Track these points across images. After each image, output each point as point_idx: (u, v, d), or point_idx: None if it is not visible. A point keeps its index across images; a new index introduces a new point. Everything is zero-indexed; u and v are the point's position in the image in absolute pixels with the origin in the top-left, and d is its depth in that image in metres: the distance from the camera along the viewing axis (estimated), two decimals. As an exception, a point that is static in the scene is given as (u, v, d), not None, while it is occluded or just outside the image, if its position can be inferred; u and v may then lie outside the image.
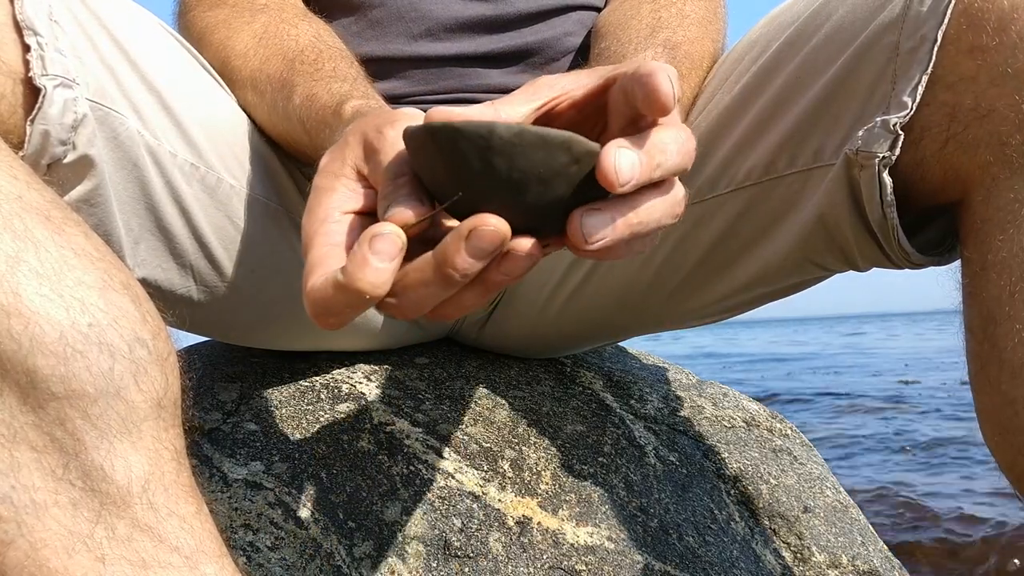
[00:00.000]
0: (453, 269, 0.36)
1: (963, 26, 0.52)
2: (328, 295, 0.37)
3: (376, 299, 0.37)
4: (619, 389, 0.95)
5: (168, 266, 0.65)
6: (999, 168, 0.52)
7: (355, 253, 0.37)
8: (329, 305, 0.37)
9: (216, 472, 0.74)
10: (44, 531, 0.37)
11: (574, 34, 0.82)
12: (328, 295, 0.37)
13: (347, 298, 0.37)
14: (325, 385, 0.84)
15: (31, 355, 0.37)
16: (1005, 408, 0.53)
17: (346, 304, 0.37)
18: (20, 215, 0.39)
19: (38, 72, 0.50)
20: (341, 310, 0.37)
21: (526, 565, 0.73)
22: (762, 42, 0.67)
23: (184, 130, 0.63)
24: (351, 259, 0.36)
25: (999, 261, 0.52)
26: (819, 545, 0.85)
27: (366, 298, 0.36)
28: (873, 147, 0.55)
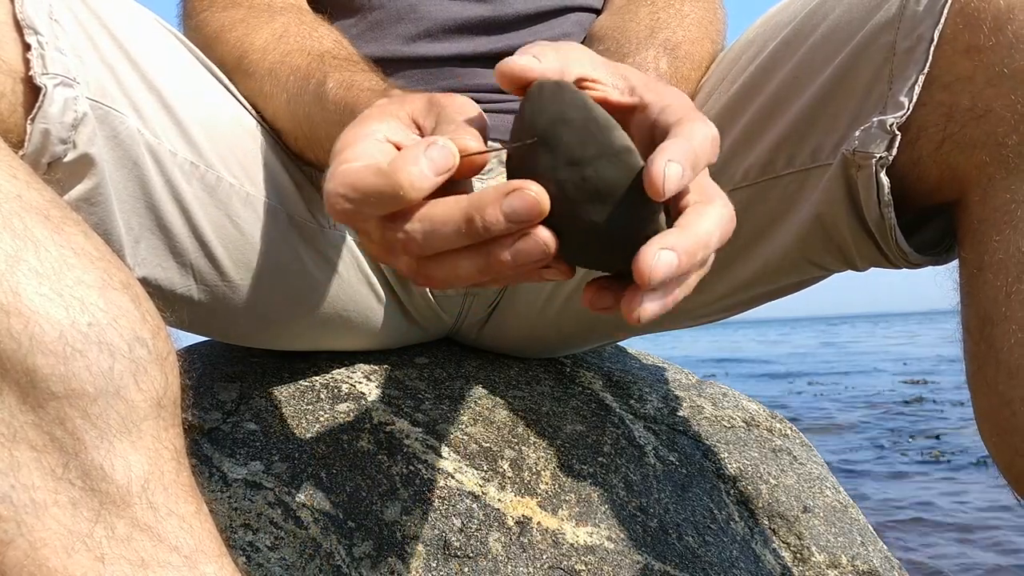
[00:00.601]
0: (481, 217, 0.35)
1: (959, 26, 0.52)
2: (362, 177, 0.37)
3: (405, 202, 0.36)
4: (619, 389, 0.95)
5: (168, 265, 0.65)
6: (995, 168, 0.52)
7: (408, 151, 0.36)
8: (357, 188, 0.37)
9: (216, 472, 0.74)
10: (44, 530, 0.37)
11: (572, 35, 0.82)
12: (362, 177, 0.37)
13: (381, 187, 0.36)
14: (325, 385, 0.84)
15: (31, 354, 0.37)
16: (1002, 409, 0.53)
17: (374, 195, 0.36)
18: (20, 214, 0.39)
19: (38, 71, 0.50)
20: (363, 200, 0.37)
21: (526, 565, 0.73)
22: (759, 42, 0.67)
23: (184, 129, 0.63)
24: (402, 155, 0.36)
25: (996, 262, 0.52)
26: (819, 545, 0.85)
27: (399, 194, 0.36)
28: (870, 147, 0.55)
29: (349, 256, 0.77)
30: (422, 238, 0.37)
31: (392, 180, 0.36)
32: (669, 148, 0.36)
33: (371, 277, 0.80)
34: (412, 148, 0.37)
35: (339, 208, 0.37)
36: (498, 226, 0.35)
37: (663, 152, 0.36)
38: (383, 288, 0.82)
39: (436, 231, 0.37)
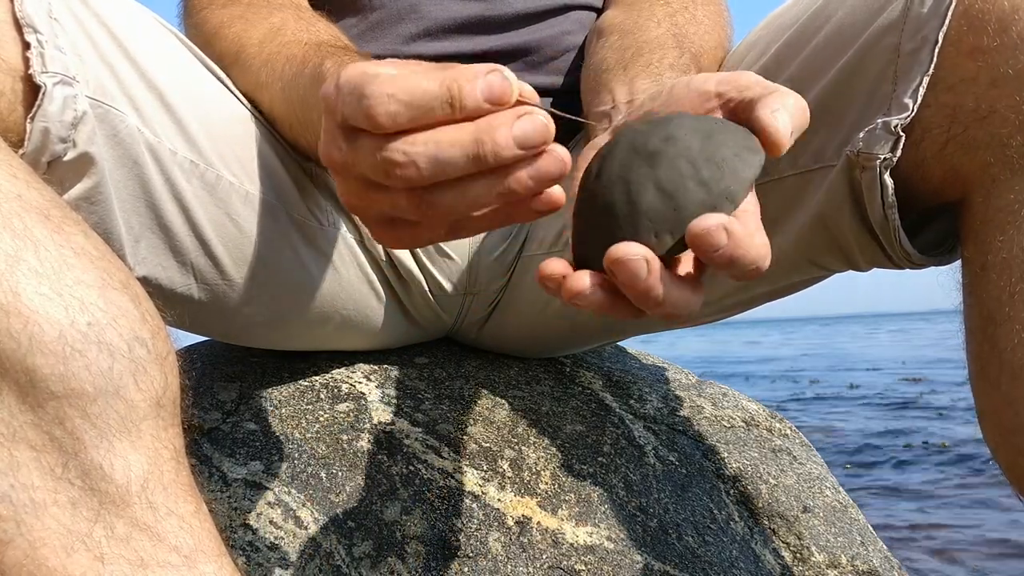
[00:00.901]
0: (492, 140, 0.34)
1: (964, 27, 0.52)
2: (417, 82, 0.35)
3: (441, 111, 0.34)
4: (618, 389, 0.95)
5: (168, 264, 0.65)
6: (999, 169, 0.52)
7: (466, 68, 0.35)
8: (409, 91, 0.35)
9: (216, 471, 0.74)
10: (43, 530, 0.37)
11: (573, 33, 0.82)
12: (417, 82, 0.35)
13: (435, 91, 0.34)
14: (325, 385, 0.84)
15: (30, 354, 0.36)
16: (1005, 409, 0.53)
17: (421, 102, 0.34)
18: (19, 214, 0.39)
19: (38, 69, 0.50)
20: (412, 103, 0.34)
21: (525, 565, 0.73)
22: (761, 44, 0.67)
23: (184, 127, 0.63)
24: (460, 68, 0.35)
25: (999, 262, 0.52)
26: (818, 545, 0.85)
27: (445, 98, 0.34)
28: (874, 148, 0.55)
29: (349, 255, 0.77)
30: (425, 161, 0.35)
31: (449, 81, 0.34)
32: (771, 100, 0.38)
33: (371, 276, 0.80)
34: (470, 67, 0.35)
35: (388, 110, 0.34)
36: (508, 151, 0.34)
37: (766, 104, 0.38)
38: (383, 287, 0.81)
39: (442, 154, 0.35)
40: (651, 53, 0.64)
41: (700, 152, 0.37)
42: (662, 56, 0.63)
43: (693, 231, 0.35)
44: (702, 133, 0.38)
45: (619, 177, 0.38)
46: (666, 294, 0.37)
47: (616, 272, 0.36)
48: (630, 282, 0.36)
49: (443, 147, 0.34)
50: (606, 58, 0.67)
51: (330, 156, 0.38)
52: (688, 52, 0.65)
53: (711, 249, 0.35)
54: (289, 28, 0.67)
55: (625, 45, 0.67)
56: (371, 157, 0.36)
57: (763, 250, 0.37)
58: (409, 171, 0.35)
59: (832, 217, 0.61)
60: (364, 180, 0.38)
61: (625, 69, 0.62)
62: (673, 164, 0.37)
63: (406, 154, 0.35)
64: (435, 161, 0.35)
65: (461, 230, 0.38)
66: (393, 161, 0.35)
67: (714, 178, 0.37)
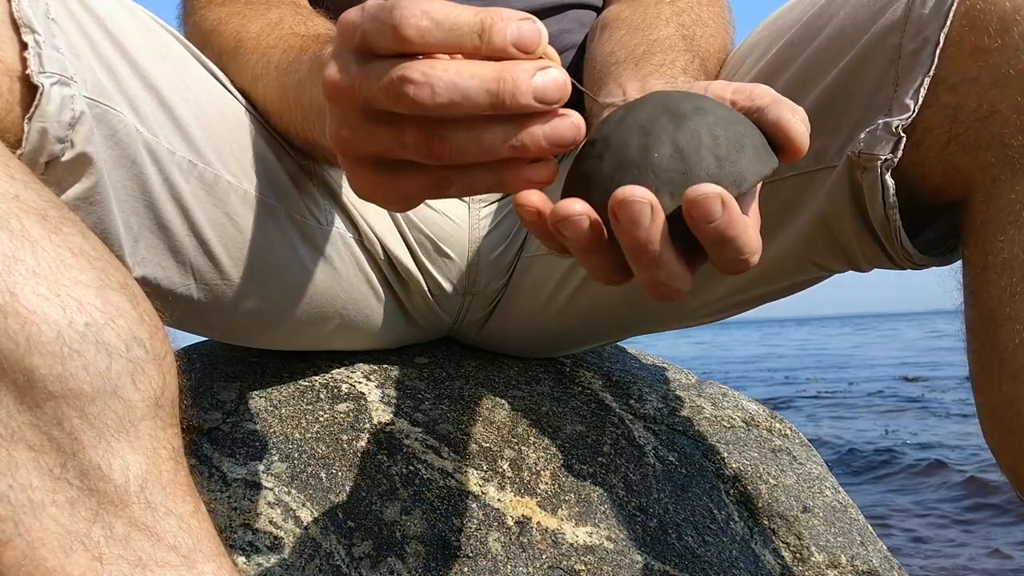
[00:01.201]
0: (513, 81, 0.33)
1: (965, 28, 0.52)
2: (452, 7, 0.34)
3: (469, 41, 0.34)
4: (618, 389, 0.95)
5: (167, 264, 0.65)
6: (1000, 169, 0.52)
7: (500, 10, 0.35)
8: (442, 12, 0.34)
9: (215, 471, 0.74)
10: (41, 530, 0.36)
11: (572, 31, 0.82)
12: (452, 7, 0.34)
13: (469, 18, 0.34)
14: (324, 385, 0.84)
15: (28, 354, 0.36)
16: (1006, 408, 0.53)
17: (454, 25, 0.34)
18: (17, 214, 0.39)
19: (35, 70, 0.50)
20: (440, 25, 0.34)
21: (525, 565, 0.73)
22: (762, 45, 0.67)
23: (182, 127, 0.63)
24: (493, 8, 0.35)
25: (1000, 262, 0.52)
26: (818, 545, 0.85)
27: (476, 28, 0.33)
28: (875, 149, 0.55)
29: (348, 255, 0.77)
30: (443, 86, 0.33)
31: (483, 18, 0.34)
32: (786, 105, 0.39)
33: (370, 276, 0.80)
34: (506, 9, 0.35)
35: (419, 24, 0.33)
36: (526, 97, 0.34)
37: (782, 108, 0.38)
38: (382, 287, 0.81)
39: (462, 81, 0.33)
40: (663, 53, 0.63)
41: (725, 131, 0.38)
42: (674, 59, 0.63)
43: (691, 195, 0.35)
44: (730, 119, 0.38)
45: (640, 127, 0.38)
46: (662, 253, 0.36)
47: (619, 213, 0.35)
48: (630, 226, 0.35)
49: (464, 76, 0.33)
50: (614, 51, 0.66)
51: (334, 80, 0.36)
52: (698, 56, 0.65)
53: (705, 219, 0.35)
54: (287, 22, 0.67)
55: (635, 41, 0.66)
56: (385, 75, 0.34)
57: (755, 242, 0.37)
58: (423, 92, 0.33)
59: (833, 218, 0.61)
60: (366, 110, 0.36)
61: (636, 65, 0.62)
62: (696, 130, 0.37)
63: (424, 74, 0.33)
64: (453, 87, 0.33)
65: (451, 185, 0.37)
66: (409, 79, 0.33)
67: (730, 158, 0.37)
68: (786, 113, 0.39)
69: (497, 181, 0.37)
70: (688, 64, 0.63)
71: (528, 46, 0.34)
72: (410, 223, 0.80)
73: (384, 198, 0.39)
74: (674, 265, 0.37)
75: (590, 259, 0.38)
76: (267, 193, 0.69)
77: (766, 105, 0.40)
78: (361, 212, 0.77)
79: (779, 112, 0.39)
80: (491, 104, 0.34)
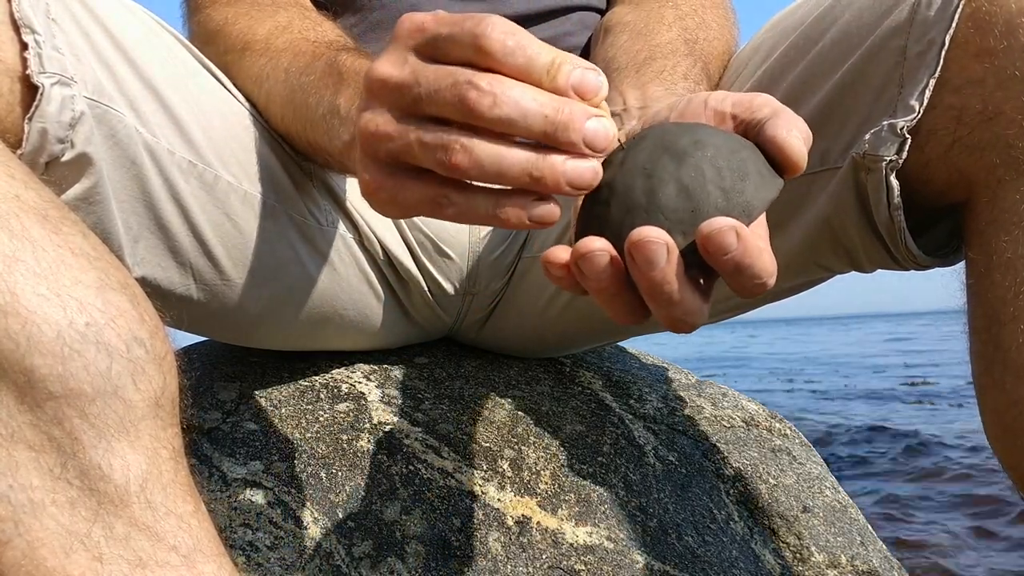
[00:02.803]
0: (570, 116, 0.35)
1: (971, 30, 0.52)
2: (508, 24, 0.35)
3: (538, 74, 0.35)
4: (618, 389, 0.95)
5: (167, 264, 0.65)
6: (1005, 170, 0.52)
7: (574, 56, 0.36)
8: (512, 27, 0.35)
9: (215, 471, 0.74)
10: (41, 530, 0.37)
11: (574, 34, 0.82)
12: (508, 24, 0.35)
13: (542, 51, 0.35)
14: (324, 385, 0.84)
15: (28, 354, 0.36)
16: (1010, 409, 0.53)
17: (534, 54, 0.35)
18: (17, 214, 0.39)
19: (35, 70, 0.50)
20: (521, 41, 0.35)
21: (525, 565, 0.73)
22: (766, 47, 0.67)
23: (182, 128, 0.63)
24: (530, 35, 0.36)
25: (1004, 262, 0.52)
26: (818, 545, 0.85)
27: (548, 64, 0.35)
28: (880, 150, 0.55)
29: (348, 255, 0.77)
30: (507, 100, 0.35)
31: (556, 56, 0.35)
32: (784, 121, 0.39)
33: (370, 276, 0.80)
34: (578, 58, 0.36)
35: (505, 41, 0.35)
36: (577, 134, 0.35)
37: (779, 124, 0.38)
38: (382, 287, 0.81)
39: (524, 101, 0.35)
40: (664, 59, 0.63)
41: (727, 162, 0.38)
42: (675, 64, 0.63)
43: (705, 231, 0.35)
44: (730, 147, 0.38)
45: (642, 169, 0.38)
46: (680, 291, 0.37)
47: (635, 254, 0.36)
48: (647, 267, 0.36)
49: (527, 96, 0.35)
50: (616, 57, 0.66)
51: (386, 74, 0.37)
52: (700, 61, 0.65)
53: (721, 252, 0.35)
54: (296, 26, 0.67)
55: (636, 47, 0.66)
56: (449, 77, 0.35)
57: (770, 265, 0.37)
58: (486, 100, 0.35)
59: (837, 219, 0.61)
60: (410, 108, 0.37)
61: (638, 72, 0.62)
62: (699, 166, 0.38)
63: (491, 85, 0.35)
64: (515, 104, 0.35)
65: (450, 206, 0.38)
66: (475, 84, 0.35)
67: (736, 189, 0.37)
68: (782, 131, 0.39)
69: (497, 211, 0.37)
70: (689, 69, 0.63)
71: (587, 93, 0.36)
72: (411, 223, 0.81)
73: (383, 200, 0.39)
74: (691, 301, 0.37)
75: (611, 300, 0.39)
76: (267, 194, 0.69)
77: (765, 119, 0.40)
78: (361, 213, 0.77)
79: (775, 130, 0.39)
80: (543, 131, 0.35)
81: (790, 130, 0.39)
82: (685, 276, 0.37)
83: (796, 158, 0.38)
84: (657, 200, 0.37)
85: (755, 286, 0.37)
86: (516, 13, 0.80)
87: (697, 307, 0.38)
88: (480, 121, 0.35)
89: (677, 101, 0.45)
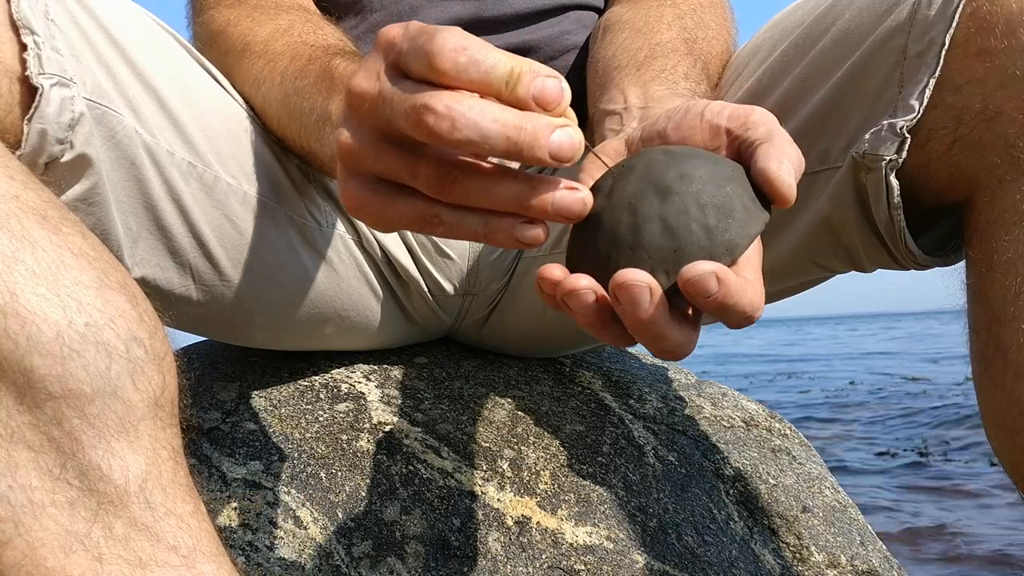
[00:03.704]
0: (533, 132, 0.34)
1: (971, 29, 0.52)
2: (485, 46, 0.34)
3: (498, 86, 0.34)
4: (618, 389, 0.95)
5: (166, 265, 0.65)
6: (1006, 170, 0.52)
7: (533, 62, 0.35)
8: (476, 48, 0.34)
9: (215, 471, 0.74)
10: (41, 530, 0.37)
11: (573, 32, 0.82)
12: (485, 46, 0.34)
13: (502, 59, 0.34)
14: (324, 385, 0.84)
15: (28, 355, 0.37)
16: (1010, 408, 0.53)
17: (490, 67, 0.34)
18: (17, 215, 0.39)
19: (35, 71, 0.50)
20: (473, 61, 0.34)
21: (525, 565, 0.73)
22: (766, 47, 0.67)
23: (182, 129, 0.63)
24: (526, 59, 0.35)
25: (1004, 261, 0.52)
26: (818, 545, 0.85)
27: (507, 75, 0.34)
28: (880, 150, 0.55)
29: (347, 256, 0.77)
30: (464, 123, 0.33)
31: (514, 66, 0.34)
32: (775, 152, 0.38)
33: (369, 277, 0.80)
34: (537, 63, 0.35)
35: (456, 59, 0.34)
36: (542, 151, 0.34)
37: (770, 155, 0.38)
38: (381, 288, 0.81)
39: (483, 122, 0.33)
40: (664, 58, 0.63)
41: (712, 198, 0.38)
42: (676, 63, 0.63)
43: (685, 276, 0.35)
44: (717, 180, 0.38)
45: (628, 204, 0.38)
46: (664, 329, 0.37)
47: (619, 296, 0.36)
48: (631, 309, 0.36)
49: (487, 117, 0.33)
50: (616, 55, 0.66)
51: (361, 90, 0.36)
52: (699, 60, 0.65)
53: (702, 296, 0.35)
54: (296, 29, 0.67)
55: (637, 45, 0.66)
56: (411, 99, 0.34)
57: (756, 299, 0.37)
58: (444, 124, 0.33)
59: (837, 218, 0.61)
60: (385, 129, 0.36)
61: (638, 70, 0.62)
62: (683, 204, 0.38)
63: (448, 107, 0.33)
64: (474, 126, 0.33)
65: (440, 225, 0.37)
66: (431, 108, 0.33)
67: (719, 227, 0.37)
68: (773, 164, 0.38)
69: (486, 232, 0.37)
70: (690, 69, 0.63)
71: (548, 103, 0.35)
72: None
73: (369, 216, 0.39)
74: (677, 335, 0.37)
75: (599, 331, 0.39)
76: (267, 195, 0.69)
77: (759, 141, 0.40)
78: (361, 213, 0.77)
79: (766, 162, 0.39)
80: (506, 151, 0.34)
81: (781, 162, 0.38)
82: (670, 314, 0.37)
83: (785, 193, 0.38)
84: (641, 238, 0.38)
85: (741, 320, 0.37)
86: (514, 12, 0.80)
87: (684, 339, 0.38)
88: (444, 145, 0.34)
89: (674, 110, 0.45)
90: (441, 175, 0.36)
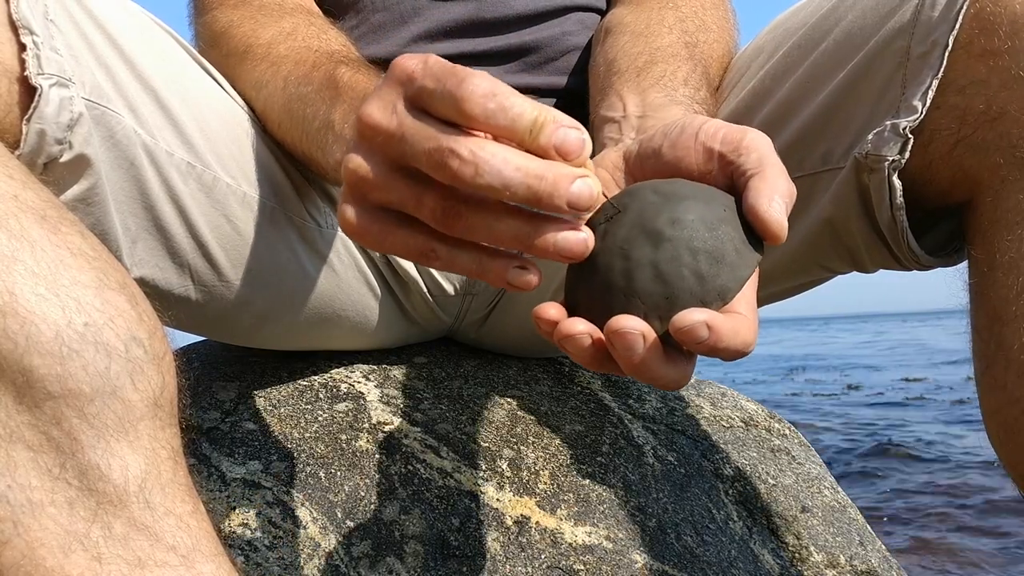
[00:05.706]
0: (554, 182, 0.34)
1: (975, 31, 0.52)
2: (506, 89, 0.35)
3: (522, 134, 0.34)
4: (617, 389, 0.95)
5: (165, 265, 0.65)
6: (1009, 170, 0.52)
7: (556, 111, 0.35)
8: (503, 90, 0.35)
9: (214, 471, 0.74)
10: (40, 530, 0.37)
11: (574, 34, 0.82)
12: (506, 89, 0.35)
13: (523, 104, 0.34)
14: (323, 384, 0.84)
15: (27, 354, 0.37)
16: (1011, 407, 0.53)
17: (516, 115, 0.34)
18: (16, 215, 0.39)
19: (34, 71, 0.50)
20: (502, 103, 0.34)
21: (524, 565, 0.73)
22: (769, 48, 0.67)
23: (181, 129, 0.63)
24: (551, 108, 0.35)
25: (1006, 261, 0.52)
26: (817, 545, 0.85)
27: (531, 123, 0.34)
28: (883, 151, 0.55)
29: (347, 256, 0.77)
30: (488, 170, 0.34)
31: (539, 114, 0.34)
32: (766, 188, 0.39)
33: (369, 277, 0.80)
34: (560, 113, 0.35)
35: (486, 105, 0.34)
36: (561, 200, 0.34)
37: (761, 192, 0.38)
38: (381, 288, 0.81)
39: (506, 170, 0.34)
40: (664, 63, 0.63)
41: (704, 243, 0.38)
42: (676, 69, 0.63)
43: (676, 325, 0.36)
44: (708, 222, 0.38)
45: (620, 250, 0.39)
46: (658, 370, 0.38)
47: (614, 342, 0.37)
48: (626, 354, 0.37)
49: (510, 165, 0.34)
50: (616, 59, 0.66)
51: (375, 121, 0.36)
52: (700, 65, 0.65)
53: (692, 342, 0.36)
54: (300, 33, 0.67)
55: (637, 50, 0.66)
56: (432, 140, 0.34)
57: (748, 338, 0.38)
58: (467, 170, 0.34)
59: (840, 219, 0.61)
60: (399, 161, 0.36)
61: (638, 76, 0.62)
62: (675, 251, 0.38)
63: (472, 153, 0.34)
64: (497, 174, 0.34)
65: (435, 259, 0.38)
66: (456, 153, 0.34)
67: (711, 274, 0.38)
68: (763, 202, 0.38)
69: (479, 270, 0.38)
70: (689, 74, 0.63)
71: (569, 154, 0.35)
72: None
73: (368, 243, 0.39)
74: (672, 372, 0.38)
75: (597, 367, 0.40)
76: (266, 196, 0.69)
77: (750, 171, 0.40)
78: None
79: (756, 200, 0.39)
80: (526, 199, 0.34)
81: (771, 199, 0.39)
82: (664, 355, 0.38)
83: (776, 232, 0.38)
84: (634, 285, 0.38)
85: (735, 355, 0.38)
86: (515, 13, 0.80)
87: (679, 374, 0.39)
88: (464, 188, 0.35)
89: (671, 126, 0.45)
90: (446, 208, 0.36)
